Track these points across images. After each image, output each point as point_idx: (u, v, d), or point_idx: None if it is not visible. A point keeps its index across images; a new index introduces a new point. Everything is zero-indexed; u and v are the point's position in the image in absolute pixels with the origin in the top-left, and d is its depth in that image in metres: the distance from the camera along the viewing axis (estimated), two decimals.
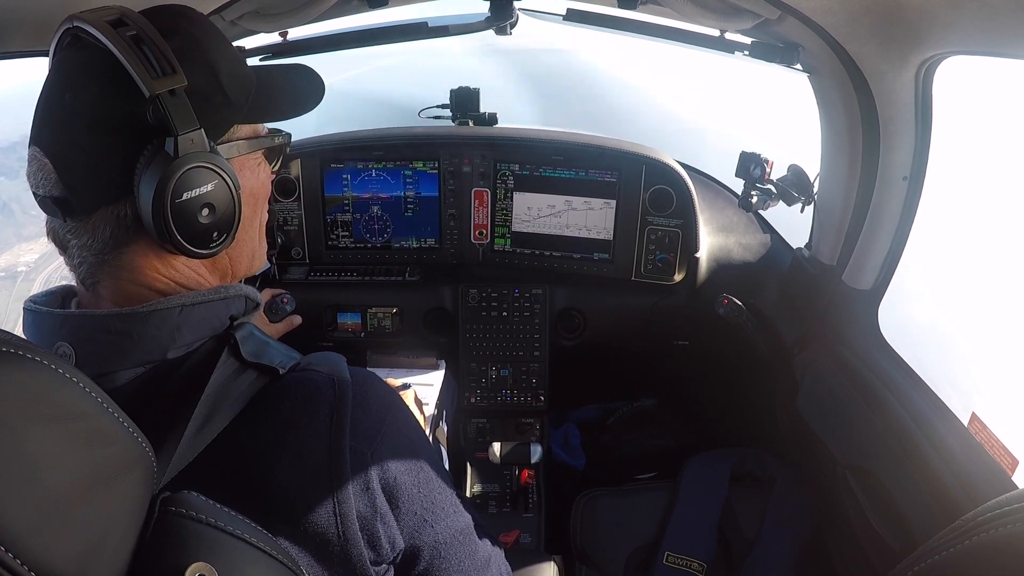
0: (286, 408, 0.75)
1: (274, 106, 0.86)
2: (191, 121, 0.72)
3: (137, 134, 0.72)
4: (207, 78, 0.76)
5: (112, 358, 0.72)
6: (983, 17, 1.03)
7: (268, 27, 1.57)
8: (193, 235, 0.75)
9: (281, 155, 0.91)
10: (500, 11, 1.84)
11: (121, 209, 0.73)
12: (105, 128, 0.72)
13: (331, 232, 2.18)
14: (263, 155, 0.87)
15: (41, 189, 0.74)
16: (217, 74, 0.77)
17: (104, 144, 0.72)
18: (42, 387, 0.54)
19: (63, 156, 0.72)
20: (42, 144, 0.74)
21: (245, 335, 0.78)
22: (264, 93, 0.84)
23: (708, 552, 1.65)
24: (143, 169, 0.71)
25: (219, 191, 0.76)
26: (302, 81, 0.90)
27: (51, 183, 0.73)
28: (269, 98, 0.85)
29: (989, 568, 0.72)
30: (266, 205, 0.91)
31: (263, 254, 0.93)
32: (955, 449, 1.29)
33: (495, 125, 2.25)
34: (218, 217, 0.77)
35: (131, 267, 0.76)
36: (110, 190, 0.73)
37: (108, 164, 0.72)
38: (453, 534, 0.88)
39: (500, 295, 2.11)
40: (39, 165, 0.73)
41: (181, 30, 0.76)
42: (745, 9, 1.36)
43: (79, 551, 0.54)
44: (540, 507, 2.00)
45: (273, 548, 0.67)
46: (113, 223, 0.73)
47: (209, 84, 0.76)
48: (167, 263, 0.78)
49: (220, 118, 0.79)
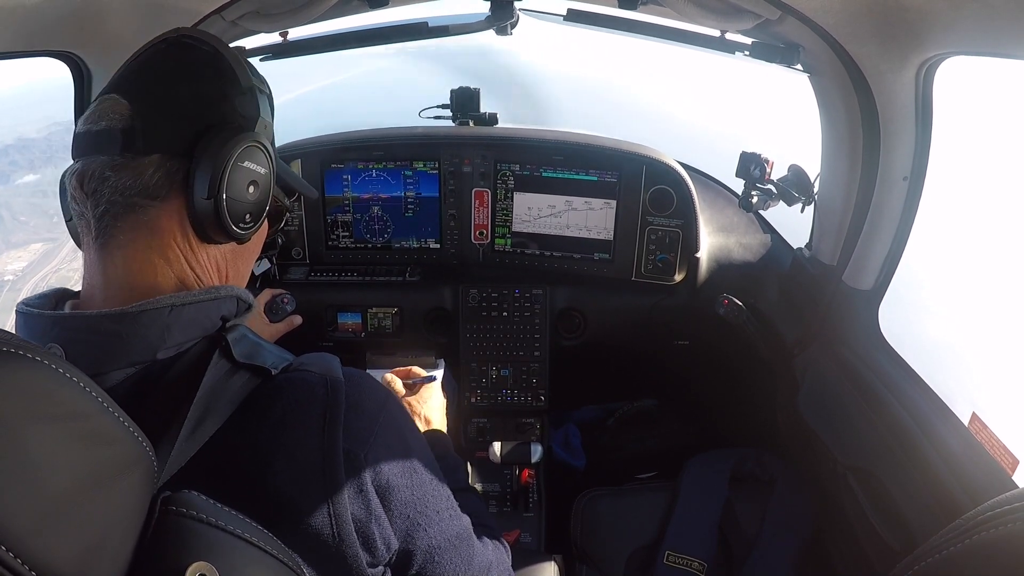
0: (279, 409, 0.75)
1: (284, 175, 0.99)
2: (269, 115, 0.86)
3: (219, 114, 0.81)
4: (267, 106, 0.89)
5: (102, 359, 0.71)
6: (983, 17, 1.03)
7: (268, 27, 1.57)
8: (233, 204, 0.80)
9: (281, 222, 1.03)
10: (500, 11, 1.84)
11: (176, 164, 0.77)
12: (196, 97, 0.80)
13: (331, 232, 2.18)
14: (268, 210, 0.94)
15: (105, 122, 0.77)
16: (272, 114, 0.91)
17: (190, 107, 0.80)
18: (43, 387, 0.54)
19: (148, 97, 0.78)
20: (124, 90, 0.79)
21: (237, 337, 0.78)
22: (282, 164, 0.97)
23: (708, 552, 1.65)
24: (214, 135, 0.78)
25: (265, 178, 0.85)
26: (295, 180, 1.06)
27: (121, 117, 0.76)
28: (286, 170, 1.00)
29: (989, 567, 0.72)
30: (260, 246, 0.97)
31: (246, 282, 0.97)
32: (955, 449, 1.29)
33: (495, 125, 2.25)
34: (255, 201, 0.84)
35: (153, 228, 0.78)
36: (175, 143, 0.78)
37: (185, 122, 0.79)
38: (448, 538, 0.88)
39: (500, 295, 2.11)
40: (112, 104, 0.77)
41: None
42: (745, 9, 1.36)
43: (80, 551, 0.54)
44: (540, 507, 2.00)
45: (274, 548, 0.67)
46: (163, 172, 0.77)
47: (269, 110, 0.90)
48: (185, 238, 0.80)
49: None
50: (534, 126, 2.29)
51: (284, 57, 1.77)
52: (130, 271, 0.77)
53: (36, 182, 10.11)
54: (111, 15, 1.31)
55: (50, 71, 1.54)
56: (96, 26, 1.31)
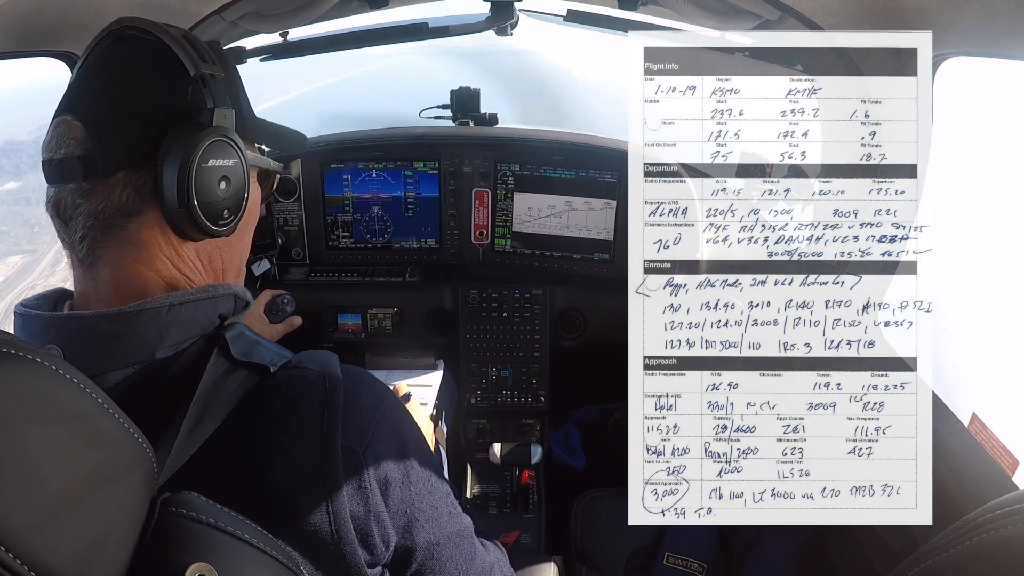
0: (277, 406, 0.75)
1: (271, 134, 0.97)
2: (225, 102, 0.81)
3: (174, 111, 0.78)
4: (232, 82, 0.85)
5: (101, 359, 0.72)
6: (983, 18, 1.03)
7: (268, 27, 1.57)
8: (208, 206, 0.78)
9: (272, 182, 0.98)
10: (500, 12, 1.84)
11: (141, 178, 0.76)
12: (148, 100, 0.78)
13: (331, 232, 2.18)
14: (257, 176, 0.92)
15: (63, 150, 0.76)
16: (237, 85, 0.87)
17: (143, 111, 0.77)
18: (43, 388, 0.54)
19: (97, 118, 0.76)
20: (75, 110, 0.77)
21: (235, 335, 0.78)
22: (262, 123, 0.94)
23: (708, 552, 1.65)
24: (173, 138, 0.76)
25: (237, 169, 0.82)
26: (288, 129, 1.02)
27: (77, 143, 0.75)
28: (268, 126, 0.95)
29: (989, 568, 0.72)
30: (255, 225, 0.95)
31: (244, 272, 0.96)
32: (955, 449, 1.29)
33: (495, 125, 2.25)
34: (231, 194, 0.82)
35: (135, 241, 0.77)
36: (137, 157, 0.76)
37: (141, 131, 0.77)
38: (448, 535, 0.88)
39: (500, 295, 2.11)
40: (67, 128, 0.76)
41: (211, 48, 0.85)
42: (745, 10, 1.36)
43: (79, 551, 0.54)
44: (540, 508, 2.00)
45: (273, 548, 0.67)
46: (131, 189, 0.76)
47: (232, 88, 0.85)
48: (170, 244, 0.79)
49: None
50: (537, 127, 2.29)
51: (284, 57, 1.78)
52: (119, 285, 0.77)
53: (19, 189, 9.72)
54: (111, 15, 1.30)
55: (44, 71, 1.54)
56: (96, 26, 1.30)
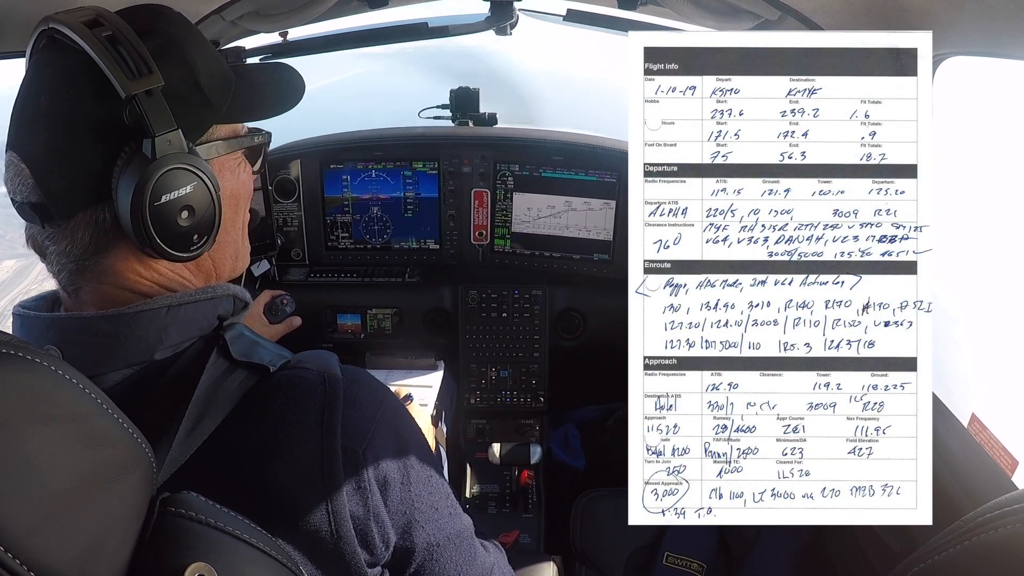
0: (276, 407, 0.75)
1: (255, 105, 0.85)
2: (168, 122, 0.70)
3: (114, 137, 0.70)
4: (184, 78, 0.74)
5: (99, 360, 0.71)
6: (983, 18, 1.03)
7: (268, 27, 1.57)
8: (173, 238, 0.73)
9: (262, 155, 0.90)
10: (500, 12, 1.84)
11: (100, 214, 0.72)
12: (81, 131, 0.70)
13: (331, 233, 2.18)
14: (243, 155, 0.86)
15: (19, 195, 0.73)
16: (195, 74, 0.75)
17: (81, 147, 0.71)
18: (42, 388, 0.54)
19: (40, 160, 0.71)
20: (19, 149, 0.72)
21: (234, 335, 0.77)
22: (244, 92, 0.82)
23: (708, 552, 1.65)
24: (120, 172, 0.70)
25: (198, 193, 0.74)
26: (282, 79, 0.89)
27: (28, 189, 0.72)
28: (249, 97, 0.84)
29: (989, 568, 0.72)
30: (248, 205, 0.90)
31: (246, 254, 0.92)
32: (955, 449, 1.29)
33: (495, 125, 2.25)
34: (198, 219, 0.75)
35: (112, 272, 0.76)
36: (88, 195, 0.71)
37: (85, 168, 0.71)
38: (448, 536, 0.87)
39: (500, 296, 2.11)
40: (16, 171, 0.73)
41: (158, 29, 0.74)
42: (745, 10, 1.36)
43: (79, 551, 0.54)
44: (540, 508, 2.00)
45: (272, 548, 0.67)
46: (92, 228, 0.72)
47: (186, 84, 0.75)
48: (149, 267, 0.78)
49: (198, 119, 0.77)
50: (531, 126, 2.29)
51: (284, 57, 1.77)
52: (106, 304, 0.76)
53: None
54: None
55: None
56: None
